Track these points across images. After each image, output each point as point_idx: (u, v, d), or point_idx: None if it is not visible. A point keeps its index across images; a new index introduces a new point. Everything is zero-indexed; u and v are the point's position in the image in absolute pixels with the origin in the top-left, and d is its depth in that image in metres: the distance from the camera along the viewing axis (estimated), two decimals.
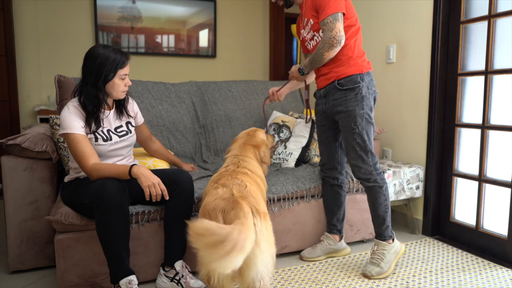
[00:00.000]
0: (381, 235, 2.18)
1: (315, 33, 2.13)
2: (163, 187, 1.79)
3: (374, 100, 2.16)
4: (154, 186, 1.75)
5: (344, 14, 2.03)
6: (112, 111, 1.98)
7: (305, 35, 2.22)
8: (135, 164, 1.80)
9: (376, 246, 2.19)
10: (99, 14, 3.97)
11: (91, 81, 1.81)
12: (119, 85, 1.87)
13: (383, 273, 2.13)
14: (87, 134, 1.84)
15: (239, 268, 1.41)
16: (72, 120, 1.80)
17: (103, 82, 1.83)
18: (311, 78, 2.44)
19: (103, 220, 1.70)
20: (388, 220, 2.17)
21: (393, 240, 2.19)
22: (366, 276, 2.14)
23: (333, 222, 2.40)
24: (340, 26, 1.99)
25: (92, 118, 1.85)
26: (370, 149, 2.10)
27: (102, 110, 1.90)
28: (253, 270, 1.45)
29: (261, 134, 2.18)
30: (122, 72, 1.85)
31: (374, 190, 2.15)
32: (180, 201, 1.92)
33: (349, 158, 2.17)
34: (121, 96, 1.93)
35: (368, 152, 2.10)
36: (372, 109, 2.12)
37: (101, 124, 1.90)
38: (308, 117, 2.62)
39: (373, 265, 2.16)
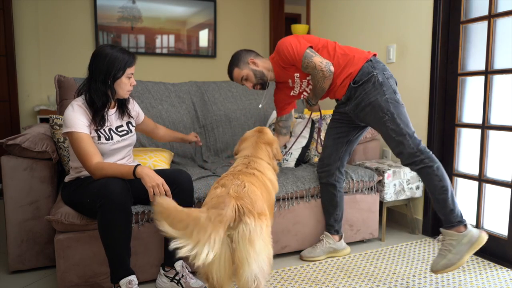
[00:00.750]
0: (447, 221, 1.93)
1: (307, 78, 2.21)
2: (167, 187, 1.79)
3: (395, 83, 2.12)
4: (158, 187, 1.76)
5: (311, 46, 2.10)
6: (114, 110, 1.99)
7: (299, 89, 2.29)
8: (139, 164, 1.80)
9: (443, 237, 1.95)
10: (99, 14, 3.97)
11: (100, 78, 1.84)
12: (126, 84, 1.90)
13: (451, 265, 1.88)
14: (90, 132, 1.85)
15: (235, 266, 1.45)
16: (77, 118, 1.81)
17: (112, 80, 1.85)
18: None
19: (106, 220, 1.70)
20: (451, 203, 1.92)
21: (465, 226, 1.90)
22: (432, 271, 1.94)
23: (330, 222, 2.40)
24: (317, 58, 2.06)
25: (99, 115, 1.87)
26: (407, 132, 2.00)
27: (107, 108, 1.92)
28: (247, 270, 1.44)
29: (270, 132, 2.15)
30: (130, 71, 1.89)
31: (424, 172, 1.99)
32: (180, 201, 1.90)
33: (391, 149, 2.08)
34: (126, 95, 1.95)
35: (405, 135, 2.00)
36: (396, 92, 2.06)
37: (106, 122, 1.92)
38: (320, 147, 2.57)
39: (439, 258, 1.93)
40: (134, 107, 2.13)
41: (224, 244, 1.45)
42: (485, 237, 1.87)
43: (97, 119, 1.87)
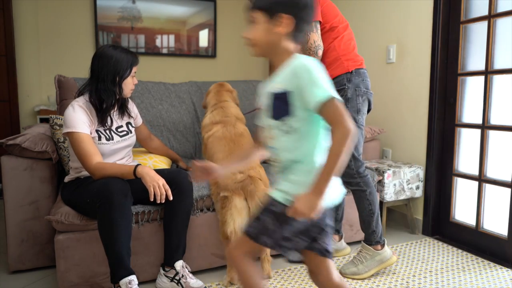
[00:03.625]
0: (367, 239, 2.15)
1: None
2: (167, 187, 1.79)
3: (369, 102, 2.14)
4: (159, 187, 1.76)
5: (320, 22, 2.04)
6: (114, 110, 2.00)
7: None
8: (140, 164, 1.81)
9: (361, 248, 2.17)
10: (99, 14, 3.97)
11: (109, 78, 1.87)
12: (130, 83, 1.94)
13: (358, 274, 2.12)
14: (90, 132, 1.85)
15: None
16: (77, 119, 1.81)
17: (121, 79, 1.89)
18: None
19: (106, 220, 1.70)
20: (374, 225, 2.12)
21: (382, 246, 2.13)
22: (340, 273, 2.15)
23: None
24: (314, 36, 2.01)
25: (107, 115, 1.91)
26: (353, 153, 2.08)
27: (113, 108, 1.95)
28: None
29: (228, 84, 2.55)
30: (134, 70, 1.93)
31: (357, 194, 2.14)
32: (179, 200, 1.93)
33: None
34: (129, 94, 1.98)
35: (349, 155, 2.08)
36: (359, 112, 2.08)
37: (113, 122, 1.95)
38: None
39: (351, 264, 2.16)
40: (133, 109, 2.14)
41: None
42: (395, 260, 2.14)
43: (105, 119, 1.90)
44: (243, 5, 4.59)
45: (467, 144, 2.62)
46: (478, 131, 2.51)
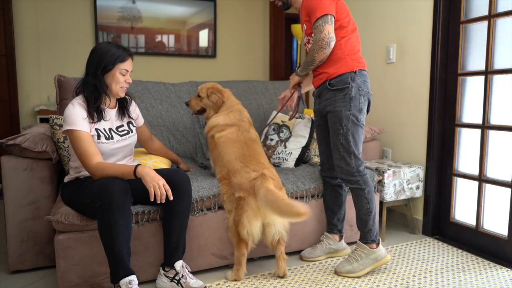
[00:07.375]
0: (363, 237, 2.16)
1: (308, 37, 2.18)
2: (167, 187, 1.79)
3: (369, 102, 2.15)
4: (159, 187, 1.75)
5: (334, 16, 2.05)
6: (115, 110, 2.00)
7: (302, 40, 2.26)
8: (140, 164, 1.80)
9: (356, 246, 2.18)
10: (99, 14, 3.97)
11: (91, 71, 1.85)
12: (119, 78, 1.89)
13: (353, 273, 2.13)
14: (90, 130, 1.85)
15: (263, 229, 2.04)
16: (78, 116, 1.81)
17: (102, 71, 1.85)
18: (308, 86, 2.49)
19: (105, 220, 1.70)
20: (371, 224, 2.14)
21: (377, 245, 2.14)
22: (335, 271, 2.18)
23: (333, 222, 2.40)
24: (329, 28, 2.02)
25: (94, 109, 1.87)
26: (353, 151, 2.10)
27: (104, 103, 1.93)
28: (273, 229, 2.05)
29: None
30: (123, 66, 1.88)
31: (356, 192, 2.15)
32: (178, 200, 1.92)
33: (333, 158, 2.18)
34: (120, 92, 1.94)
35: (351, 153, 2.10)
36: (361, 111, 2.10)
37: (103, 115, 1.91)
38: (293, 114, 2.51)
39: (346, 262, 2.17)
40: (135, 110, 2.14)
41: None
42: (389, 258, 2.16)
43: (92, 112, 1.86)
44: (243, 5, 4.59)
45: (467, 144, 2.62)
46: (478, 131, 2.51)
